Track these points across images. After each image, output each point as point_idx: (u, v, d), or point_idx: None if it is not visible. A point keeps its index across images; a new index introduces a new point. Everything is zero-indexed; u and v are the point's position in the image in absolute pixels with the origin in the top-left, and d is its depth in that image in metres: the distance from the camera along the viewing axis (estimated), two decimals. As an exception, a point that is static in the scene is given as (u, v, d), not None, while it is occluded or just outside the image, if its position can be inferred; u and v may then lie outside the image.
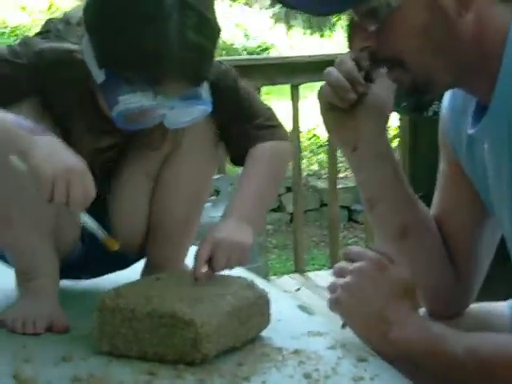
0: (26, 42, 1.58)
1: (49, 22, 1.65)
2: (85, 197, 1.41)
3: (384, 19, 1.22)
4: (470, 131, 1.34)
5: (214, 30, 1.50)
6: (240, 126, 1.66)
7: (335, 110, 1.42)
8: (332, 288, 1.38)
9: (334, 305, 1.37)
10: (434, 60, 1.25)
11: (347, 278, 1.35)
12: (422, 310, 1.54)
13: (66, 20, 1.62)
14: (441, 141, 1.51)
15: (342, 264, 1.40)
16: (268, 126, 1.68)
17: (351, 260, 1.38)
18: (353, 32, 1.26)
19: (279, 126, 1.71)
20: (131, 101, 1.47)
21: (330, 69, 1.38)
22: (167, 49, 1.43)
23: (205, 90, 1.53)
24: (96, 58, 1.50)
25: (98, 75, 1.50)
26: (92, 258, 1.72)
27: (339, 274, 1.39)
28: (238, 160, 1.69)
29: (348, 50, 1.34)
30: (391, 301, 1.33)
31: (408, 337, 1.29)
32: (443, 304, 1.54)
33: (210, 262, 1.51)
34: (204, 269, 1.51)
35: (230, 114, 1.65)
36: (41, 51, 1.55)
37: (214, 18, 1.50)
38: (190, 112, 1.54)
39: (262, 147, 1.65)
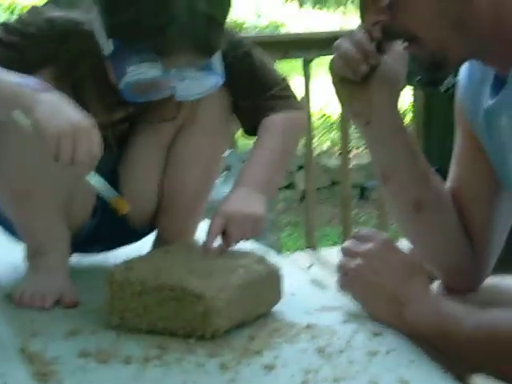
0: (34, 10, 1.55)
1: None
2: (91, 155, 1.36)
3: None
4: (489, 103, 1.31)
5: (224, 1, 1.47)
6: (254, 96, 1.63)
7: (347, 82, 1.39)
8: (342, 269, 1.39)
9: (346, 287, 1.39)
10: (450, 35, 1.23)
11: (358, 261, 1.36)
12: (436, 284, 1.52)
13: None
14: (457, 112, 1.48)
15: (350, 244, 1.40)
16: (282, 97, 1.64)
17: (360, 241, 1.39)
18: (365, 5, 1.23)
19: (293, 96, 1.67)
20: (138, 72, 1.44)
21: (341, 40, 1.35)
22: (175, 19, 1.40)
23: (217, 61, 1.49)
24: (104, 28, 1.46)
25: (106, 46, 1.47)
26: (103, 231, 1.70)
27: (347, 254, 1.39)
28: (251, 131, 1.66)
29: (362, 24, 1.31)
30: (403, 281, 1.34)
31: (419, 319, 1.31)
32: (459, 278, 1.52)
33: (223, 235, 1.49)
34: (216, 243, 1.48)
35: (244, 85, 1.61)
36: (50, 20, 1.52)
37: None
38: (201, 84, 1.51)
39: (276, 117, 1.62)
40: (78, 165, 1.35)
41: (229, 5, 1.49)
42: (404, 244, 1.53)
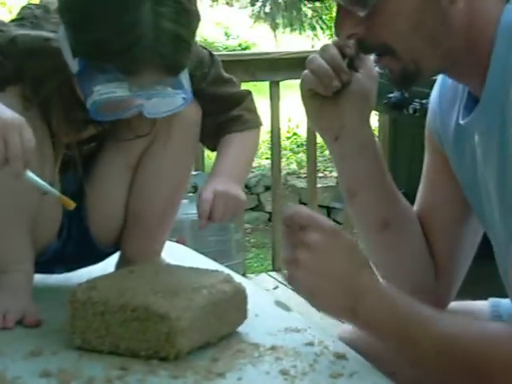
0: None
1: (25, 8, 1.61)
2: (24, 149, 1.32)
3: (373, 5, 1.19)
4: (461, 122, 1.32)
5: (191, 19, 1.46)
6: (216, 113, 1.66)
7: (318, 97, 1.40)
8: (288, 261, 1.29)
9: (292, 282, 1.29)
10: (425, 47, 1.23)
11: (302, 253, 1.26)
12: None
13: (43, 6, 1.58)
14: (427, 133, 1.49)
15: (291, 231, 1.29)
16: (243, 115, 1.68)
17: (300, 225, 1.28)
18: (340, 18, 1.22)
19: (255, 112, 1.71)
20: (105, 91, 1.43)
21: (313, 56, 1.36)
22: (140, 38, 1.39)
23: (185, 77, 1.49)
24: (70, 46, 1.46)
25: (73, 65, 1.46)
26: (68, 252, 1.69)
27: (291, 242, 1.29)
28: (211, 147, 1.72)
29: (335, 36, 1.31)
30: (353, 270, 1.26)
31: (374, 315, 1.23)
32: (422, 297, 1.52)
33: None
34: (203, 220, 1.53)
35: (206, 102, 1.63)
36: (14, 38, 1.51)
37: (193, 7, 1.46)
38: (170, 102, 1.51)
39: (235, 136, 1.67)
40: (13, 161, 1.31)
41: (196, 22, 1.48)
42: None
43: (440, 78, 1.44)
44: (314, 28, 10.26)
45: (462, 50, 1.24)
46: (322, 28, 10.67)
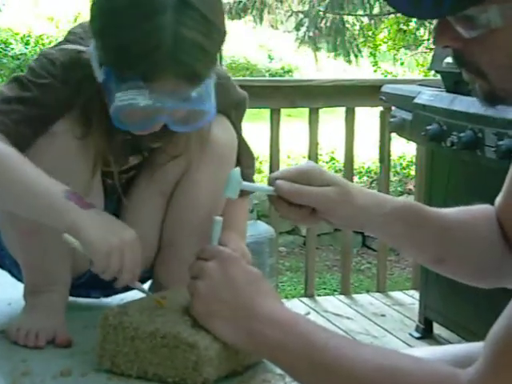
0: (40, 56, 1.58)
1: (70, 31, 1.65)
2: (135, 264, 1.44)
3: (479, 33, 1.16)
4: None
5: (215, 31, 1.46)
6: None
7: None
8: (189, 290, 1.33)
9: (192, 311, 1.31)
10: None
11: (197, 284, 1.29)
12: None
13: (84, 26, 1.62)
14: None
15: (195, 263, 1.34)
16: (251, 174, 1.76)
17: (205, 259, 1.32)
18: (442, 28, 1.15)
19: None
20: (125, 98, 1.44)
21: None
22: (159, 44, 1.39)
23: (210, 90, 1.49)
24: (97, 56, 1.48)
25: (99, 74, 1.49)
26: (102, 278, 1.71)
27: (193, 274, 1.33)
28: None
29: (433, 43, 1.28)
30: (253, 296, 1.26)
31: (284, 340, 1.20)
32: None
33: None
34: None
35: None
36: (52, 61, 1.54)
37: (219, 20, 1.47)
38: (194, 115, 1.52)
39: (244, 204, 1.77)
40: (125, 273, 1.43)
41: (220, 36, 1.48)
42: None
43: None
44: (359, 52, 10.25)
45: None
46: (372, 54, 10.65)
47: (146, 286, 1.74)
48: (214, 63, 1.48)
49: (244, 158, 1.73)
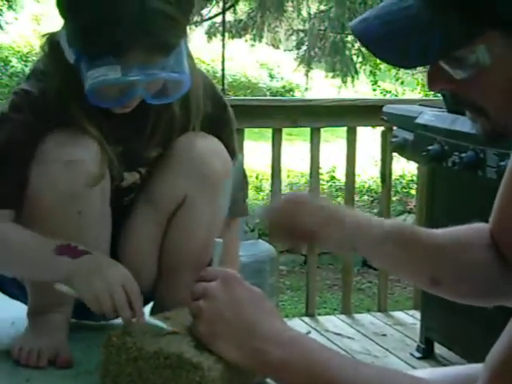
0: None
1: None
2: (134, 299, 1.44)
3: (471, 74, 1.13)
4: None
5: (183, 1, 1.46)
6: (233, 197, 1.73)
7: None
8: (192, 312, 1.32)
9: (198, 335, 1.30)
10: None
11: (201, 305, 1.28)
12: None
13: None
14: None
15: (198, 285, 1.32)
16: (241, 203, 1.80)
17: (207, 281, 1.31)
18: (434, 72, 1.15)
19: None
20: (97, 75, 1.44)
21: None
22: (126, 16, 1.39)
23: (183, 61, 1.49)
24: (66, 37, 1.49)
25: (70, 55, 1.49)
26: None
27: (196, 296, 1.31)
28: None
29: (428, 88, 1.29)
30: (256, 316, 1.25)
31: (288, 359, 1.20)
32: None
33: None
34: None
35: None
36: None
37: None
38: (169, 86, 1.53)
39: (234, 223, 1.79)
40: (121, 311, 1.43)
41: (189, 2, 1.48)
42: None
43: None
44: (356, 74, 10.27)
45: None
46: (370, 73, 10.68)
47: (149, 306, 1.75)
48: (184, 32, 1.48)
49: (236, 180, 1.74)
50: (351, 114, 3.85)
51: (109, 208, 1.64)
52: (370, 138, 6.25)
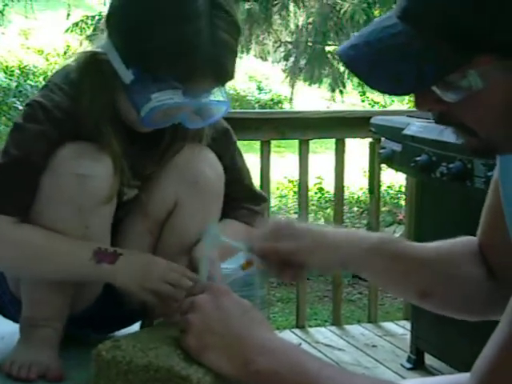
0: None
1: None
2: (182, 273, 1.54)
3: (462, 98, 1.12)
4: None
5: (238, 29, 1.53)
6: (237, 203, 1.77)
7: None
8: (182, 325, 1.32)
9: (187, 349, 1.30)
10: (508, 136, 1.16)
11: (189, 318, 1.28)
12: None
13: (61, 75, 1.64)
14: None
15: (188, 299, 1.33)
16: (252, 210, 1.80)
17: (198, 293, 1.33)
18: (423, 93, 1.14)
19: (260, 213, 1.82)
20: (162, 98, 1.47)
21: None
22: (198, 46, 1.44)
23: (224, 91, 1.56)
24: (123, 58, 1.49)
25: (126, 75, 1.50)
26: (99, 319, 1.73)
27: (185, 309, 1.32)
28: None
29: (415, 107, 1.29)
30: (244, 326, 1.26)
31: (278, 369, 1.20)
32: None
33: None
34: None
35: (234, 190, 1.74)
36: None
37: (236, 17, 1.53)
38: (209, 110, 1.59)
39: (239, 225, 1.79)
40: (183, 283, 1.54)
41: (240, 33, 1.55)
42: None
43: None
44: (343, 86, 10.29)
45: None
46: (355, 85, 10.71)
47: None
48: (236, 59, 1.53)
49: (246, 198, 1.79)
50: (339, 126, 3.86)
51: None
52: (358, 149, 6.27)
